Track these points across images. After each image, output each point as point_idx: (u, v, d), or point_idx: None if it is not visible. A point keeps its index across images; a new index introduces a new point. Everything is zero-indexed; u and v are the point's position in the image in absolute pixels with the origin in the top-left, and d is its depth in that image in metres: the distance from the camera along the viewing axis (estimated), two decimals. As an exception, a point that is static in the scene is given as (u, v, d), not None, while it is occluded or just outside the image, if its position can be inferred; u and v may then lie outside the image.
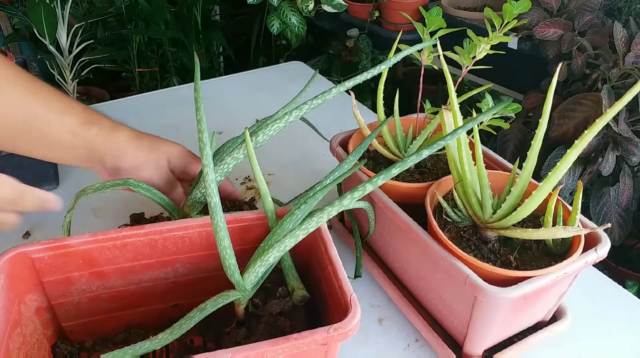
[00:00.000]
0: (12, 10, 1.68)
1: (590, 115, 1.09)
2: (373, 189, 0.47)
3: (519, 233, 0.52)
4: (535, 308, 0.58)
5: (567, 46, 1.19)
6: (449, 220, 0.57)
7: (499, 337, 0.58)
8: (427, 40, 0.61)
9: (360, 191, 0.45)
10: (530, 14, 1.26)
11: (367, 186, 0.45)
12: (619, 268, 1.35)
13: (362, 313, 0.47)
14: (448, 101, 0.55)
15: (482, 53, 0.59)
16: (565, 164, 0.48)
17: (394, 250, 0.65)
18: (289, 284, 0.52)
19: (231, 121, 1.08)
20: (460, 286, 0.51)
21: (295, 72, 1.35)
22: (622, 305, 0.68)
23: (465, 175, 0.55)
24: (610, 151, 1.06)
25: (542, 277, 0.50)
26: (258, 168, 0.51)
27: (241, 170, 0.94)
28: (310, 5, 1.60)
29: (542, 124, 0.49)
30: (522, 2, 0.57)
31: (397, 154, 0.67)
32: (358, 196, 0.45)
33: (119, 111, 1.12)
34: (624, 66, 1.08)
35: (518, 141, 1.26)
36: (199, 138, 0.47)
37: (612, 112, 0.44)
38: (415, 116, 0.69)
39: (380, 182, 0.45)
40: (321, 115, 1.15)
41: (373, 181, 0.45)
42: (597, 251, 0.53)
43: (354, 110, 0.66)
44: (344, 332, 0.42)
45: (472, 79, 1.70)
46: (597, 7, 1.25)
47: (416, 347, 0.62)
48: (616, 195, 1.12)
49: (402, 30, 0.81)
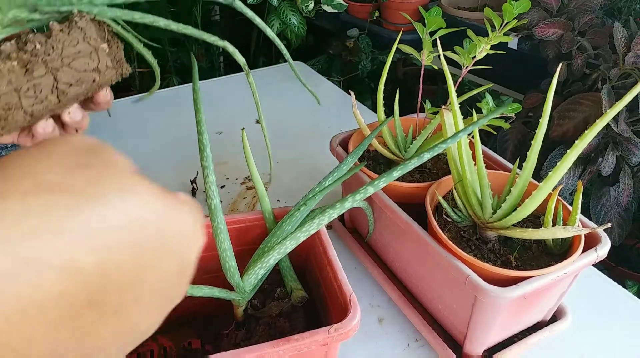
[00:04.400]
0: (11, 10, 1.68)
1: (590, 115, 1.09)
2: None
3: (519, 233, 0.51)
4: (536, 308, 0.58)
5: (567, 46, 1.19)
6: (449, 220, 0.57)
7: (499, 337, 0.58)
8: (427, 41, 0.61)
9: (362, 193, 0.45)
10: (530, 14, 1.26)
11: (369, 189, 0.45)
12: (619, 268, 1.35)
13: (362, 313, 0.47)
14: (448, 101, 0.55)
15: (482, 53, 0.59)
16: (566, 164, 0.47)
17: (394, 250, 0.65)
18: (287, 285, 0.52)
19: (231, 121, 1.09)
20: (460, 286, 0.51)
21: (295, 72, 1.35)
22: (622, 305, 0.68)
23: (466, 175, 0.54)
24: (610, 151, 1.06)
25: (542, 277, 0.50)
26: (255, 168, 0.50)
27: (241, 170, 0.94)
28: (310, 5, 1.60)
29: (542, 124, 0.49)
30: (522, 2, 0.57)
31: (397, 154, 0.67)
32: (360, 199, 0.45)
33: (119, 111, 1.12)
34: (624, 66, 1.08)
35: (518, 141, 1.26)
36: (199, 139, 0.46)
37: (612, 113, 0.44)
38: (415, 116, 0.69)
39: (382, 185, 0.45)
40: (321, 115, 1.16)
41: (375, 184, 0.45)
42: (597, 251, 0.53)
43: (354, 110, 0.66)
44: (344, 332, 0.42)
45: (472, 79, 1.70)
46: (597, 7, 1.25)
47: (416, 347, 0.62)
48: (616, 195, 1.12)
49: (402, 30, 0.81)
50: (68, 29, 0.35)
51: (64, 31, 0.35)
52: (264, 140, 0.49)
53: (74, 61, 0.35)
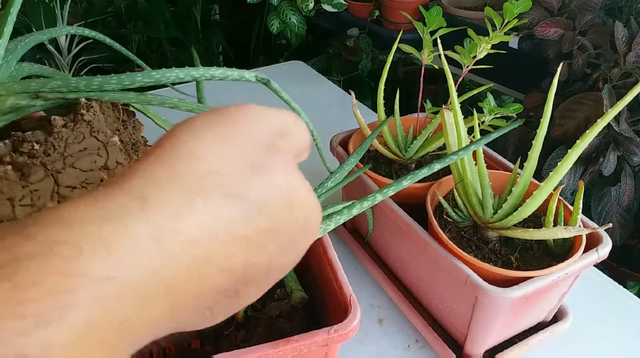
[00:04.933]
0: (11, 10, 1.68)
1: (591, 115, 1.09)
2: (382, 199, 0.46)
3: (520, 233, 0.51)
4: (537, 309, 0.57)
5: (568, 46, 1.19)
6: (449, 220, 0.57)
7: (500, 337, 0.58)
8: (428, 40, 0.61)
9: (370, 200, 0.44)
10: (531, 14, 1.26)
11: (377, 196, 0.44)
12: (620, 269, 1.35)
13: (362, 314, 0.47)
14: (449, 101, 0.55)
15: (483, 52, 0.59)
16: (567, 164, 0.47)
17: (394, 250, 0.65)
18: (287, 286, 0.52)
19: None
20: (461, 287, 0.51)
21: (295, 71, 1.35)
22: (623, 306, 0.68)
23: (466, 175, 0.54)
24: (611, 151, 1.06)
25: (543, 277, 0.49)
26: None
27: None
28: (310, 5, 1.60)
29: (543, 123, 0.49)
30: (523, 2, 0.57)
31: (397, 154, 0.67)
32: (367, 206, 0.45)
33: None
34: (625, 66, 1.07)
35: (519, 140, 1.26)
36: None
37: (613, 112, 0.44)
38: (416, 116, 0.69)
39: (390, 193, 0.44)
40: (321, 115, 1.15)
41: (383, 192, 0.44)
42: (598, 251, 0.53)
43: (354, 110, 0.65)
44: (344, 333, 0.42)
45: (472, 78, 1.70)
46: (598, 7, 1.25)
47: (416, 348, 0.62)
48: (617, 195, 1.12)
49: (403, 30, 0.80)
50: (73, 123, 0.30)
51: (67, 126, 0.30)
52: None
53: (78, 160, 0.30)
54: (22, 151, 0.29)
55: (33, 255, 0.16)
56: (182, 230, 0.19)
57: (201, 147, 0.21)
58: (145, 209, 0.18)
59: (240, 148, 0.22)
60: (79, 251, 0.17)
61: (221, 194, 0.20)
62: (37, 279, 0.16)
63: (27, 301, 0.15)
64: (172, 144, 0.21)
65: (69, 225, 0.17)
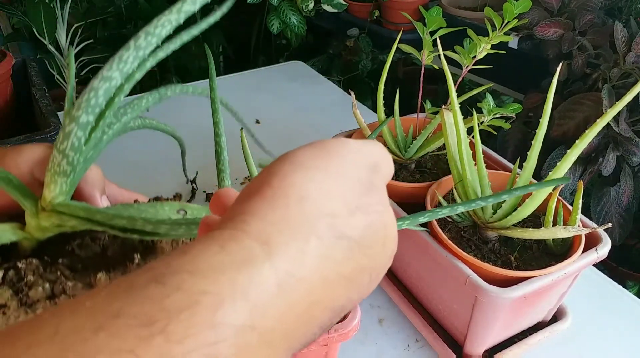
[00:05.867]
0: (11, 10, 1.68)
1: (590, 115, 1.09)
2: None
3: (520, 233, 0.51)
4: (536, 308, 0.58)
5: (568, 46, 1.19)
6: (449, 220, 0.57)
7: (500, 337, 0.58)
8: (427, 40, 0.61)
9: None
10: (531, 14, 1.26)
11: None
12: (619, 269, 1.35)
13: (362, 314, 0.47)
14: (448, 101, 0.55)
15: (483, 53, 0.59)
16: (566, 164, 0.47)
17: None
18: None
19: (230, 120, 1.08)
20: (460, 287, 0.51)
21: (295, 71, 1.35)
22: (623, 306, 0.68)
23: (466, 175, 0.54)
24: (610, 151, 1.06)
25: (542, 277, 0.50)
26: (255, 168, 0.50)
27: (241, 170, 0.93)
28: (310, 5, 1.60)
29: (543, 124, 0.49)
30: (523, 2, 0.57)
31: (397, 154, 0.67)
32: None
33: (118, 111, 1.12)
34: (624, 66, 1.07)
35: (518, 140, 1.26)
36: (216, 141, 0.44)
37: (613, 112, 0.44)
38: (416, 116, 0.69)
39: (404, 226, 0.36)
40: (321, 115, 1.15)
41: (397, 224, 0.37)
42: (597, 251, 0.53)
43: (354, 110, 0.66)
44: (344, 333, 0.42)
45: (472, 78, 1.70)
46: (598, 7, 1.25)
47: (416, 348, 0.62)
48: (617, 195, 1.12)
49: (403, 30, 0.80)
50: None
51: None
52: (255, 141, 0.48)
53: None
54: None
55: (182, 307, 0.17)
56: (302, 278, 0.19)
57: (310, 187, 0.21)
58: (270, 254, 0.19)
59: (345, 188, 0.23)
60: (221, 300, 0.17)
61: (331, 236, 0.21)
62: (188, 332, 0.16)
63: (182, 355, 0.16)
64: (281, 185, 0.21)
65: (208, 274, 0.18)
